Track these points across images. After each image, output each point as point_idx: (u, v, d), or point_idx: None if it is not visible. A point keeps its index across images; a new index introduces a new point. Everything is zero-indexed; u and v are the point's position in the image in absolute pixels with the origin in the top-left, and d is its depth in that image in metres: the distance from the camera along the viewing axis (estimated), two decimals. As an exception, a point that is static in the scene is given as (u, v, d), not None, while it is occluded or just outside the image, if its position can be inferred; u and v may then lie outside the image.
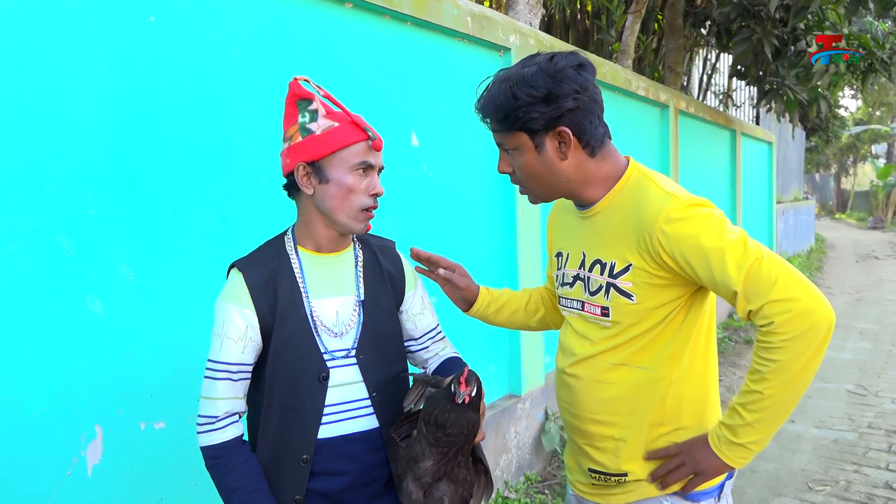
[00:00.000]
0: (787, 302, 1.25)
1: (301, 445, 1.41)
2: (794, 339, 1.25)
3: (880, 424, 4.72)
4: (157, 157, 1.94)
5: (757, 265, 1.27)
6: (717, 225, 1.31)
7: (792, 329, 1.24)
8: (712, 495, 1.47)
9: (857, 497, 3.63)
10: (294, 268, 1.45)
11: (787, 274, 1.27)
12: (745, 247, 1.29)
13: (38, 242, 1.69)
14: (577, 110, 1.36)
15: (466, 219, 3.34)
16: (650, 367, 1.43)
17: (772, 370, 1.27)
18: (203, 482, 2.05)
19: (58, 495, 1.73)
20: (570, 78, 1.35)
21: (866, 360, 6.42)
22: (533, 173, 1.43)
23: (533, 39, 3.80)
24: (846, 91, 23.64)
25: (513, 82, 1.36)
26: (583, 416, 1.52)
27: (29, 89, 1.66)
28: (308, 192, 1.43)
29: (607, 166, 1.45)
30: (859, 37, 7.32)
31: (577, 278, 1.52)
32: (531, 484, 3.69)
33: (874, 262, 14.34)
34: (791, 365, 1.26)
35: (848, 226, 25.73)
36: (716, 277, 1.30)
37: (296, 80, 1.45)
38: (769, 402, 1.29)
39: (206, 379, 1.41)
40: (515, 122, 1.37)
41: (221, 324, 1.41)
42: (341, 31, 2.58)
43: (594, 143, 1.41)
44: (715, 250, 1.29)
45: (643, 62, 9.01)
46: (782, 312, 1.25)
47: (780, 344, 1.26)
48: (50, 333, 1.71)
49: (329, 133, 1.40)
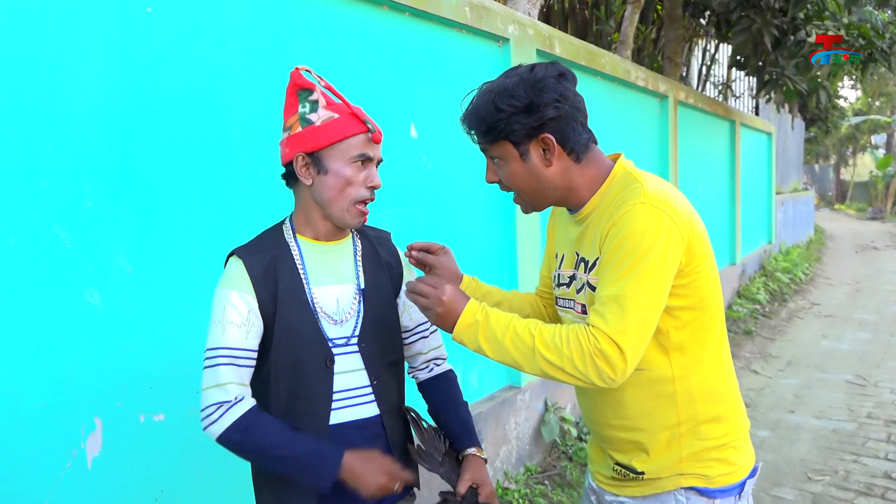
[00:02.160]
0: (620, 351, 1.26)
1: (313, 430, 1.41)
2: (594, 365, 1.27)
3: (879, 414, 4.73)
4: (154, 148, 1.93)
5: (632, 307, 1.28)
6: (651, 240, 1.30)
7: (602, 362, 1.26)
8: (733, 493, 1.45)
9: (856, 486, 3.65)
10: (294, 255, 1.45)
11: (637, 336, 1.28)
12: (646, 284, 1.29)
13: (35, 235, 1.68)
14: (558, 119, 1.37)
15: (465, 210, 3.33)
16: (648, 368, 1.42)
17: (559, 352, 1.29)
18: (203, 475, 2.05)
19: (58, 487, 1.73)
20: (550, 88, 1.36)
21: (865, 351, 6.43)
22: (519, 181, 1.45)
23: (532, 30, 3.78)
24: (846, 81, 23.60)
25: (495, 94, 1.38)
26: (600, 422, 1.54)
27: (25, 81, 1.65)
28: (306, 182, 1.43)
29: (593, 170, 1.46)
30: (859, 27, 7.29)
31: (572, 279, 1.54)
32: (531, 475, 3.69)
33: (873, 252, 14.35)
34: (568, 365, 1.28)
35: (847, 216, 25.76)
36: (604, 277, 1.33)
37: (297, 70, 1.45)
38: (524, 354, 1.32)
39: (208, 369, 1.37)
40: (499, 133, 1.39)
41: (222, 310, 1.39)
42: (339, 21, 2.56)
43: (579, 149, 1.42)
44: (626, 256, 1.30)
45: (642, 53, 8.99)
46: (613, 350, 1.26)
47: (589, 353, 1.27)
48: (48, 326, 1.71)
49: (329, 124, 1.40)
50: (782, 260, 10.92)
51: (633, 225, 1.31)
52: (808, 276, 10.96)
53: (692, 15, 8.35)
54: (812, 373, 5.83)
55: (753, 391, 5.34)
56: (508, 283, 3.66)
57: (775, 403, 5.07)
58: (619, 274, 1.30)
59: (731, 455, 1.46)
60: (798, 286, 10.06)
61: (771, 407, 4.99)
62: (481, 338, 1.36)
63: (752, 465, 1.51)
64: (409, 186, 2.89)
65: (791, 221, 13.36)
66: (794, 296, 9.42)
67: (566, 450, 3.94)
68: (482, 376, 3.53)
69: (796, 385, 5.51)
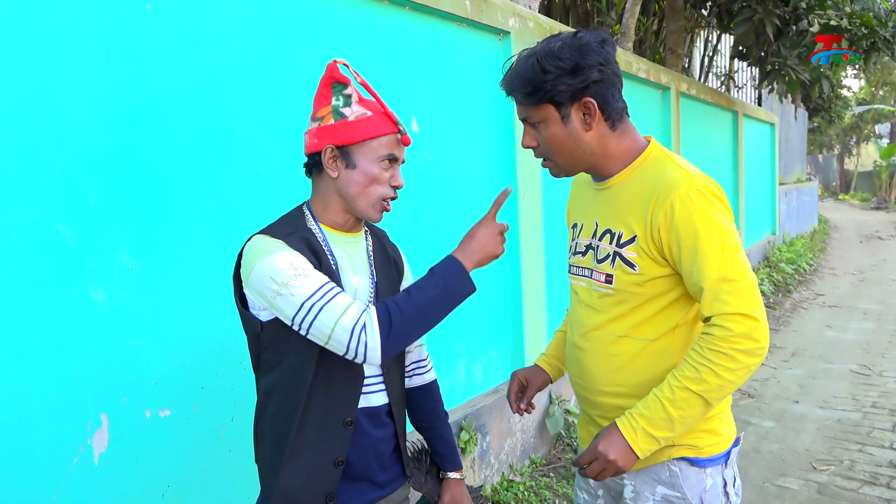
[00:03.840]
0: (751, 319, 1.33)
1: (346, 409, 1.43)
2: (743, 351, 1.33)
3: (884, 404, 4.73)
4: (156, 145, 1.94)
5: (737, 277, 1.35)
6: (719, 223, 1.38)
7: (746, 343, 1.32)
8: (719, 462, 1.52)
9: (861, 476, 3.65)
10: (321, 242, 1.45)
11: (755, 295, 1.36)
12: (734, 256, 1.36)
13: (39, 232, 1.69)
14: (601, 82, 1.42)
15: (468, 204, 3.33)
16: (652, 338, 1.49)
17: (712, 372, 1.33)
18: (209, 469, 2.06)
19: (65, 483, 1.74)
20: (594, 51, 1.41)
21: (870, 341, 6.42)
22: (559, 145, 1.49)
23: (532, 23, 3.77)
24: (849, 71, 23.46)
25: (540, 56, 1.42)
26: (593, 389, 1.59)
27: (27, 79, 1.66)
28: (332, 174, 1.44)
29: (627, 142, 1.51)
30: (862, 15, 7.25)
31: (588, 247, 1.59)
32: (536, 467, 3.70)
33: (878, 242, 14.31)
34: (728, 374, 1.33)
35: (851, 206, 25.67)
36: (694, 267, 1.37)
37: (334, 63, 1.47)
38: (696, 402, 1.35)
39: (323, 309, 1.28)
40: (544, 95, 1.43)
41: (290, 265, 1.31)
42: (340, 15, 2.56)
43: (615, 115, 1.47)
44: (706, 244, 1.36)
45: (644, 44, 8.96)
46: (743, 324, 1.32)
47: (729, 351, 1.32)
48: (53, 323, 1.72)
49: (362, 121, 1.42)
50: (786, 251, 10.89)
51: (698, 215, 1.37)
52: (813, 267, 10.94)
53: (693, 6, 8.32)
54: (817, 363, 5.83)
55: (758, 381, 5.34)
56: (511, 275, 3.66)
57: (780, 394, 5.07)
58: (709, 259, 1.35)
59: (717, 426, 1.53)
60: (802, 277, 10.04)
61: (776, 397, 4.99)
62: (658, 435, 1.38)
63: (735, 435, 1.58)
64: (412, 180, 2.88)
65: (795, 212, 13.33)
66: (799, 286, 9.41)
67: (571, 442, 3.94)
68: (486, 370, 3.53)
69: (801, 375, 5.51)
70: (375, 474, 1.50)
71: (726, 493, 1.53)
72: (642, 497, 1.54)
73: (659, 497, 1.52)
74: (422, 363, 1.71)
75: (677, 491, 1.50)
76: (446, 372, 3.16)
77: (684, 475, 1.50)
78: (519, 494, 3.35)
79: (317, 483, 1.42)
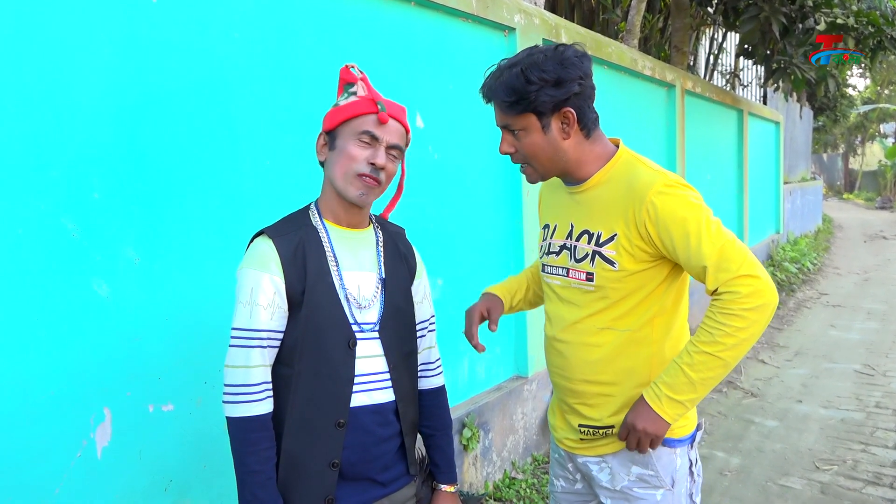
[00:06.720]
0: (753, 278, 1.42)
1: (336, 410, 1.44)
2: (752, 309, 1.41)
3: (888, 404, 4.72)
4: (161, 140, 1.93)
5: (729, 245, 1.45)
6: (698, 206, 1.49)
7: (753, 301, 1.41)
8: (686, 443, 1.64)
9: (865, 476, 3.64)
10: (322, 238, 1.48)
11: (750, 256, 1.46)
12: (720, 229, 1.47)
13: (44, 226, 1.69)
14: (580, 95, 1.52)
15: (472, 200, 3.33)
16: (633, 329, 1.59)
17: (725, 334, 1.42)
18: (211, 464, 2.06)
19: (68, 477, 1.74)
20: (575, 65, 1.50)
21: (874, 341, 6.41)
22: (538, 151, 1.57)
23: (538, 19, 3.76)
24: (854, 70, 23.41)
25: (524, 66, 1.49)
26: (574, 378, 1.67)
27: (32, 73, 1.65)
28: (321, 159, 1.51)
29: (599, 148, 1.61)
30: (868, 14, 7.21)
31: (563, 247, 1.67)
32: (538, 464, 3.70)
33: (882, 242, 14.27)
34: (741, 332, 1.42)
35: (856, 206, 25.61)
36: (691, 251, 1.46)
37: (346, 67, 1.52)
38: (715, 363, 1.44)
39: (236, 348, 1.41)
40: (527, 104, 1.50)
41: (250, 291, 1.41)
42: (345, 11, 2.55)
43: (590, 125, 1.57)
44: (694, 228, 1.46)
45: (649, 42, 8.93)
46: (748, 285, 1.42)
47: (739, 312, 1.41)
48: (57, 317, 1.72)
49: (346, 105, 1.48)
50: (790, 250, 10.86)
51: (678, 206, 1.48)
52: (817, 266, 10.91)
53: (699, 3, 8.28)
54: (820, 362, 5.82)
55: (761, 381, 5.33)
56: (515, 270, 3.65)
57: (783, 393, 5.06)
58: (702, 239, 1.45)
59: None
60: (806, 276, 10.02)
61: (779, 397, 4.98)
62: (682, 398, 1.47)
63: (697, 421, 1.70)
64: (416, 176, 2.88)
65: (799, 211, 13.29)
66: (803, 286, 9.39)
67: (573, 440, 3.94)
68: (489, 367, 3.53)
69: (804, 375, 5.49)
70: (377, 473, 1.50)
71: (692, 472, 1.65)
72: (618, 477, 1.64)
73: (634, 476, 1.63)
74: (429, 366, 1.69)
75: (651, 469, 1.61)
76: (449, 369, 3.15)
77: (657, 455, 1.60)
78: (521, 492, 3.35)
79: (314, 486, 1.43)
